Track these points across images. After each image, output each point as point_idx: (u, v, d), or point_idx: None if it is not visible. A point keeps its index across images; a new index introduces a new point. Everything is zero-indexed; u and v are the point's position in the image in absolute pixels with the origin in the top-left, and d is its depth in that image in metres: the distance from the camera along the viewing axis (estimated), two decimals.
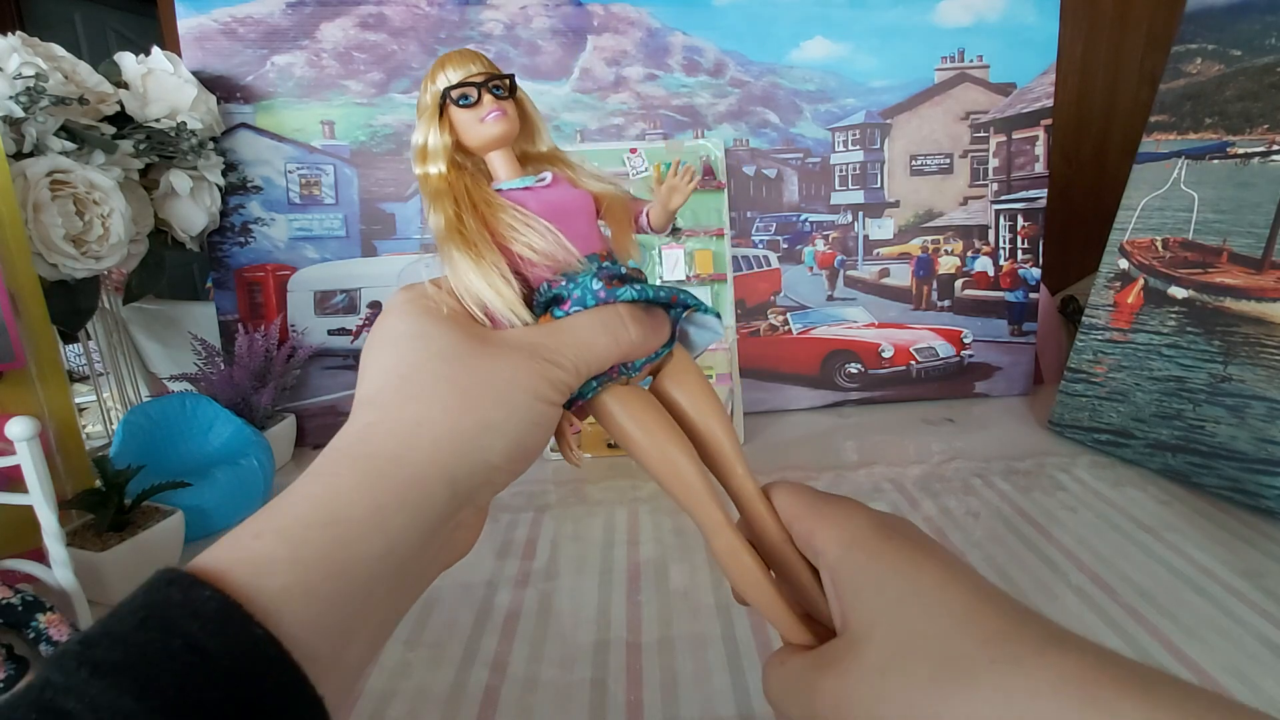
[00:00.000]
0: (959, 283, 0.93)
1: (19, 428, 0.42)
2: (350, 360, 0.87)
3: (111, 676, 0.16)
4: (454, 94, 0.25)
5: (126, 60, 0.73)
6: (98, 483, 0.54)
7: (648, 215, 0.29)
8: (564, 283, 0.25)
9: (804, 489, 0.26)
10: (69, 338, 0.81)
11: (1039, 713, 0.18)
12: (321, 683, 0.18)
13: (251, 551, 0.19)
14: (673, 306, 0.27)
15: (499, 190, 0.26)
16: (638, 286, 0.26)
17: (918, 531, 0.23)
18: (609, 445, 0.71)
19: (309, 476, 0.21)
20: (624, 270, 0.27)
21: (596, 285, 0.25)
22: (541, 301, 0.25)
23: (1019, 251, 0.93)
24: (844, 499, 0.25)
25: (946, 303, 0.93)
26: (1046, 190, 0.92)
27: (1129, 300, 0.76)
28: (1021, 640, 0.19)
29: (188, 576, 0.18)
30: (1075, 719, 0.17)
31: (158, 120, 0.72)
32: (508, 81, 0.26)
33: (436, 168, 0.26)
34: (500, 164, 0.26)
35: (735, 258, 0.88)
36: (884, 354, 0.91)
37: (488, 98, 0.25)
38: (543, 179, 0.27)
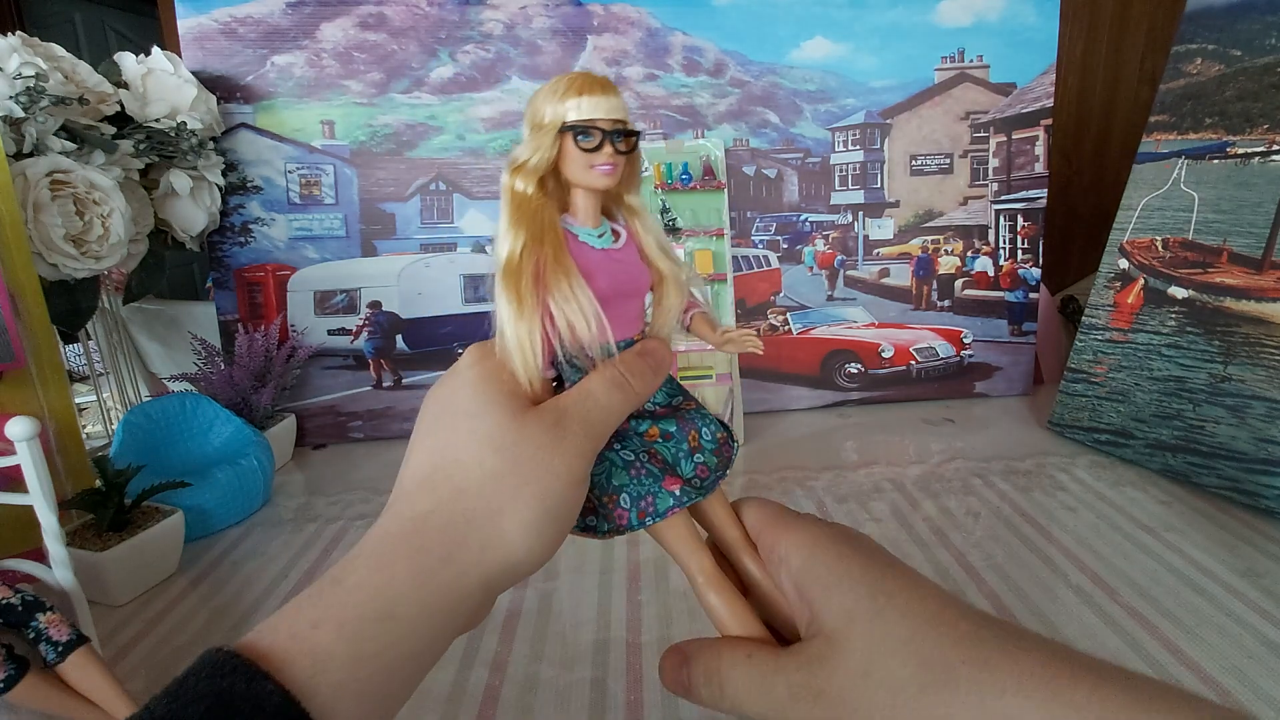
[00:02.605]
0: (959, 283, 0.93)
1: (19, 428, 0.42)
2: (350, 360, 0.87)
3: None
4: (575, 130, 0.24)
5: (126, 60, 0.73)
6: (98, 483, 0.54)
7: (691, 319, 0.29)
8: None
9: (770, 504, 0.27)
10: (69, 338, 0.81)
11: (1007, 708, 0.19)
12: None
13: (311, 644, 0.19)
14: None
15: (572, 233, 0.25)
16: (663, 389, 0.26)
17: (875, 544, 0.24)
18: None
19: (367, 559, 0.21)
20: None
21: None
22: (565, 366, 0.26)
23: (1019, 251, 0.93)
24: (805, 514, 0.26)
25: (946, 303, 0.93)
26: (1046, 190, 0.92)
27: (1129, 300, 0.76)
28: (988, 641, 0.20)
29: (251, 667, 0.18)
30: (1038, 712, 0.19)
31: (158, 120, 0.72)
32: (633, 141, 0.25)
33: (526, 185, 0.25)
34: (584, 205, 0.25)
35: (735, 258, 0.88)
36: (884, 354, 0.91)
37: (608, 149, 0.24)
38: (617, 240, 0.26)
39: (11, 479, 0.45)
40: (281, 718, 0.17)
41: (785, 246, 0.91)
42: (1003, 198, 0.92)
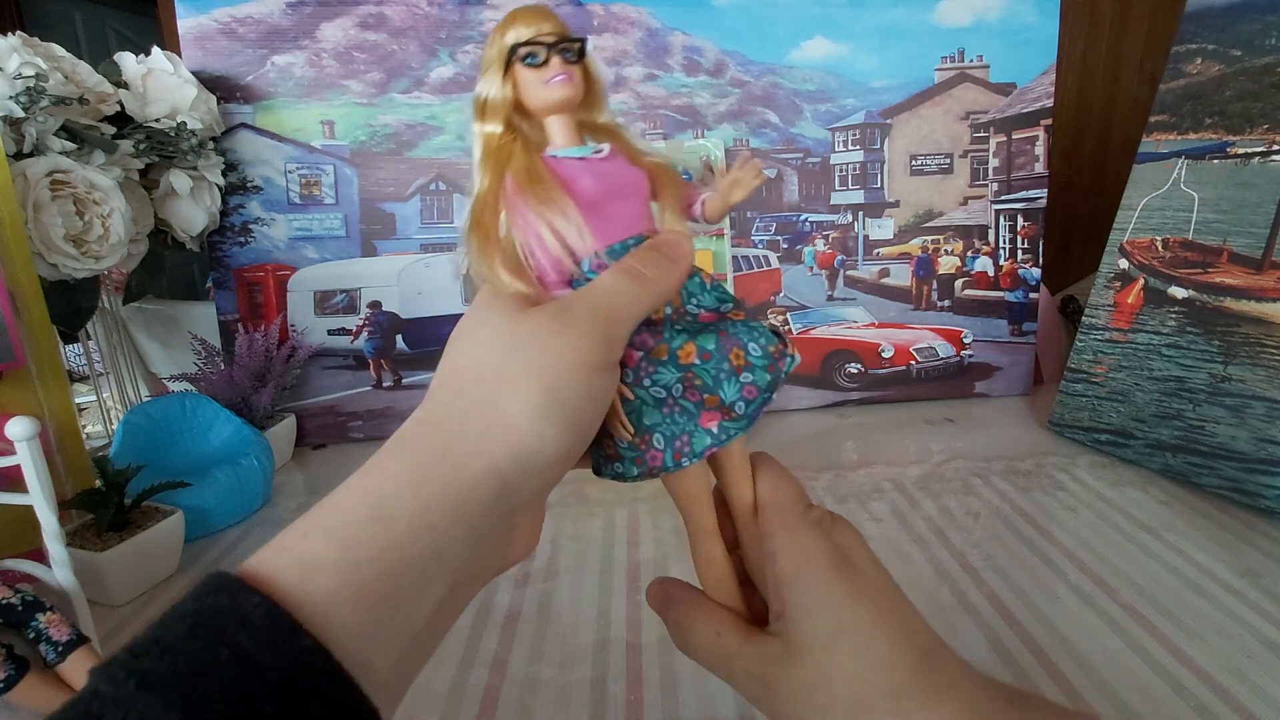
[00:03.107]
0: (959, 283, 0.93)
1: (19, 428, 0.42)
2: (350, 360, 0.87)
3: (159, 690, 0.15)
4: (521, 51, 0.24)
5: (126, 60, 0.73)
6: (98, 483, 0.54)
7: (703, 205, 0.28)
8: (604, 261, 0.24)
9: (787, 485, 0.27)
10: (69, 338, 0.81)
11: None
12: (376, 692, 0.17)
13: (299, 553, 0.18)
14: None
15: (553, 156, 0.25)
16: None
17: (869, 563, 0.25)
18: None
19: (360, 472, 0.20)
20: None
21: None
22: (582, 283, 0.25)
23: (1019, 251, 0.93)
24: (814, 516, 0.26)
25: (946, 303, 0.93)
26: (1046, 190, 0.92)
27: (1129, 300, 0.76)
28: (915, 695, 0.22)
29: (236, 581, 0.17)
30: None
31: (158, 120, 0.72)
32: (578, 46, 0.24)
33: (493, 126, 0.25)
34: (558, 129, 0.25)
35: (735, 258, 0.88)
36: (884, 354, 0.91)
37: (555, 60, 0.24)
38: (600, 150, 0.26)
39: (11, 479, 0.45)
40: (269, 628, 0.16)
41: (785, 246, 0.91)
42: (1003, 198, 0.92)
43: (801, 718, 0.23)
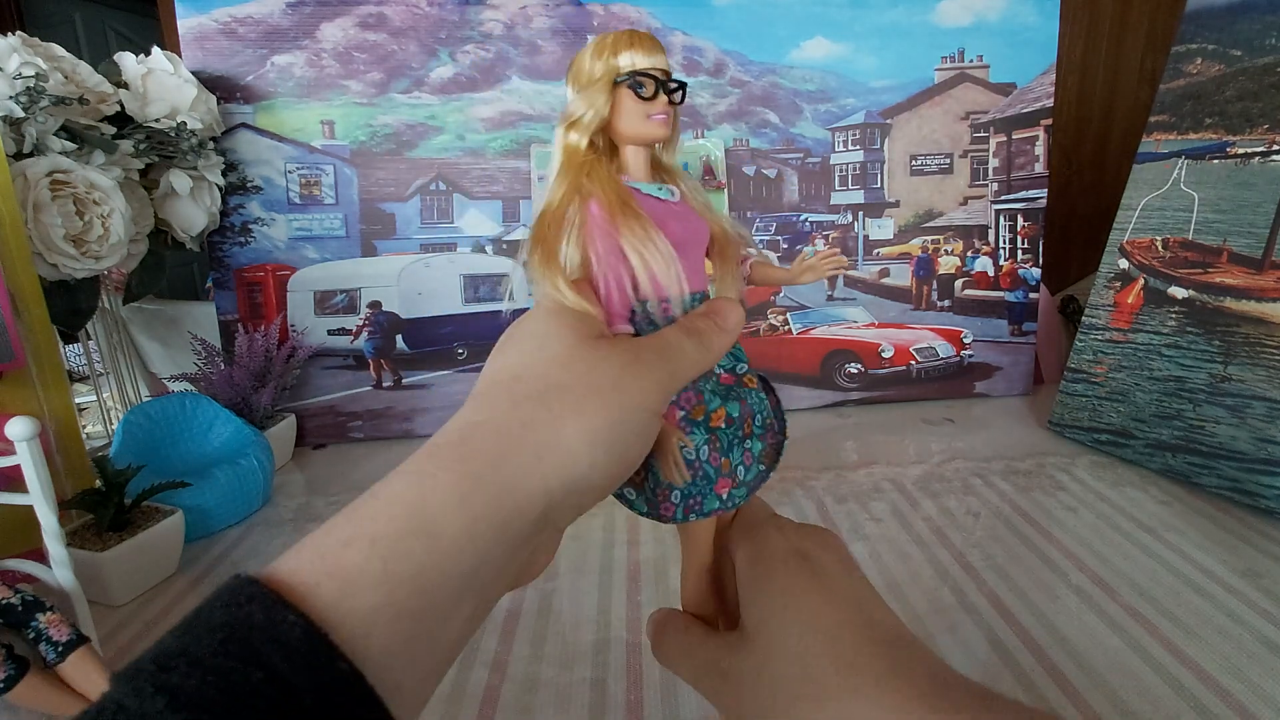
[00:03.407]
0: (959, 283, 0.93)
1: (19, 428, 0.42)
2: (350, 360, 0.87)
3: (189, 711, 0.14)
4: (630, 80, 0.24)
5: (126, 60, 0.73)
6: (98, 483, 0.54)
7: (750, 267, 0.28)
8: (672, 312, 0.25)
9: (750, 506, 0.28)
10: (69, 338, 0.81)
11: None
12: (402, 713, 0.17)
13: (340, 563, 0.17)
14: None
15: (634, 188, 0.25)
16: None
17: (833, 564, 0.25)
18: None
19: (403, 475, 0.19)
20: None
21: None
22: (644, 324, 0.25)
23: (1019, 251, 0.93)
24: (776, 522, 0.27)
25: (946, 303, 0.93)
26: (1046, 190, 0.92)
27: (1129, 300, 0.76)
28: (867, 672, 0.22)
29: (270, 595, 0.16)
30: None
31: (158, 120, 0.72)
32: (683, 89, 0.25)
33: (579, 138, 0.25)
34: (637, 161, 0.26)
35: None
36: (884, 354, 0.92)
37: (662, 98, 0.24)
38: (672, 193, 0.26)
39: (11, 479, 0.45)
40: (306, 650, 0.15)
41: (785, 246, 0.91)
42: (1003, 198, 0.92)
43: (753, 700, 0.23)
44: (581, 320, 0.23)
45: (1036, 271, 0.93)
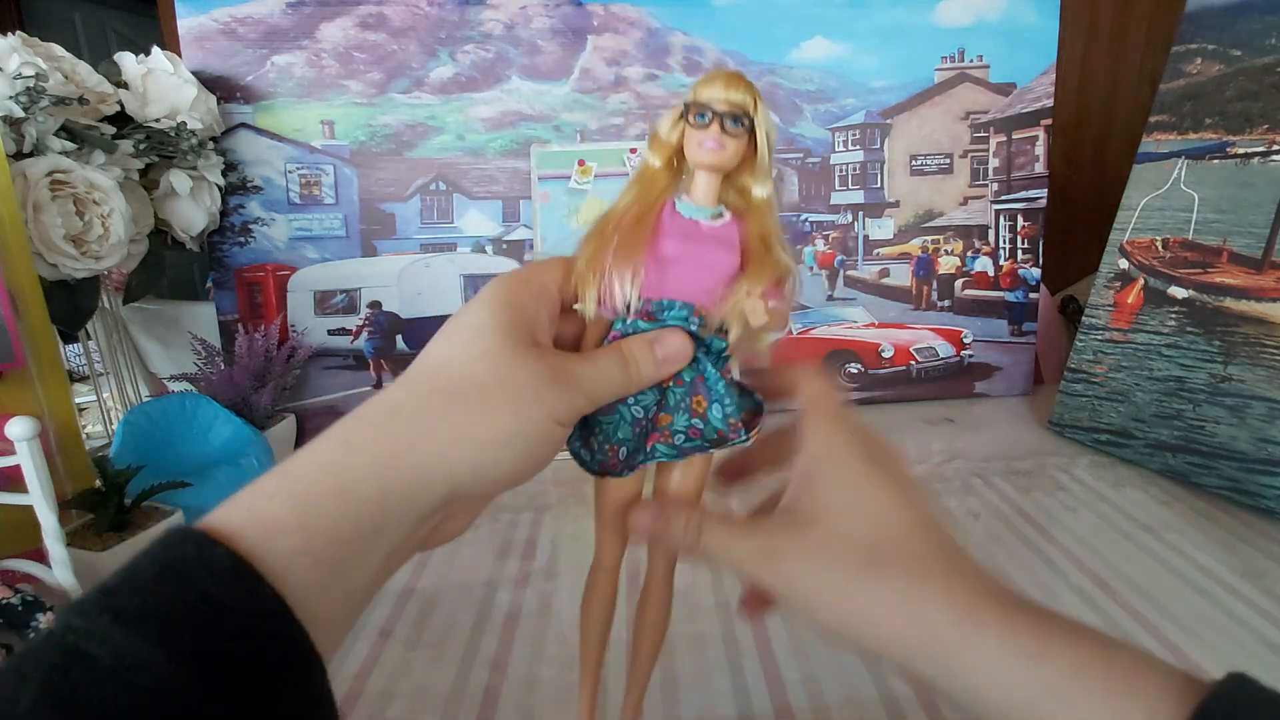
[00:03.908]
0: (959, 283, 0.93)
1: (19, 428, 0.42)
2: (350, 360, 0.87)
3: (132, 625, 0.17)
4: (693, 110, 0.27)
5: (126, 60, 0.73)
6: (98, 483, 0.54)
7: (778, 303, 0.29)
8: (660, 311, 0.28)
9: (831, 393, 0.29)
10: (69, 338, 0.81)
11: (924, 616, 0.22)
12: (320, 643, 0.19)
13: (264, 513, 0.20)
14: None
15: (677, 208, 0.28)
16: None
17: (892, 461, 0.27)
18: None
19: (329, 441, 0.22)
20: (701, 335, 0.28)
21: (645, 325, 0.28)
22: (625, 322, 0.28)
23: (1019, 251, 0.93)
24: (850, 419, 0.28)
25: (946, 303, 0.93)
26: (1046, 190, 0.92)
27: (1129, 300, 0.76)
28: (934, 562, 0.24)
29: (201, 534, 0.19)
30: (949, 625, 0.22)
31: (158, 120, 0.72)
32: (747, 123, 0.27)
33: (653, 158, 0.28)
34: (701, 184, 0.28)
35: None
36: (884, 354, 0.91)
37: (715, 127, 0.26)
38: (720, 216, 0.28)
39: (11, 479, 0.45)
40: (233, 575, 0.18)
41: None
42: (1003, 198, 0.92)
43: (810, 579, 0.24)
44: (519, 322, 0.25)
45: (1036, 271, 0.93)
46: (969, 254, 0.93)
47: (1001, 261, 0.93)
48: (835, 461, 0.26)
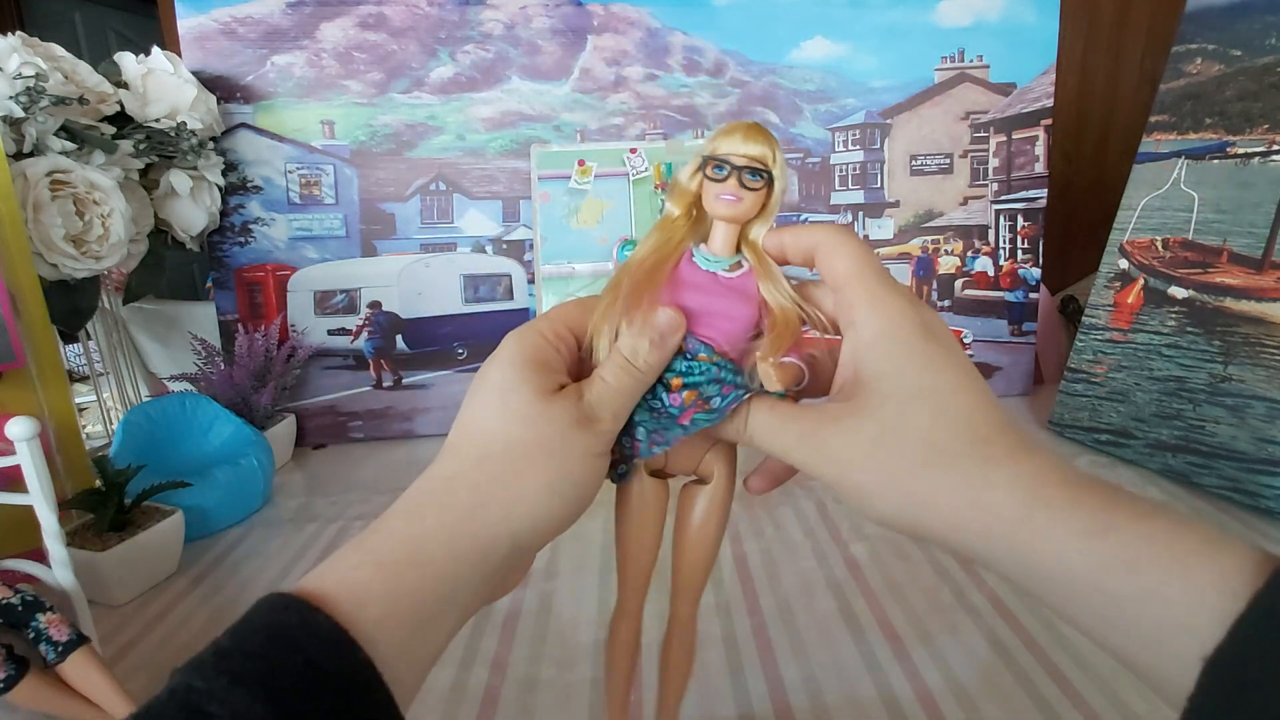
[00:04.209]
0: (959, 283, 0.93)
1: (19, 428, 0.42)
2: (350, 360, 0.87)
3: (246, 686, 0.18)
4: (711, 163, 0.27)
5: (126, 60, 0.73)
6: (98, 483, 0.54)
7: (809, 358, 0.28)
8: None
9: (870, 259, 0.27)
10: (69, 338, 0.81)
11: (988, 500, 0.22)
12: (400, 701, 0.21)
13: (354, 582, 0.22)
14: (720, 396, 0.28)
15: (693, 259, 0.28)
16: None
17: (947, 335, 0.26)
18: None
19: (400, 515, 0.24)
20: (721, 370, 0.28)
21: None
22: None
23: (1019, 251, 0.93)
24: (900, 289, 0.26)
25: (946, 303, 0.93)
26: (1046, 190, 0.92)
27: (1129, 300, 0.76)
28: (999, 445, 0.23)
29: (302, 602, 0.21)
30: (1015, 506, 0.22)
31: (158, 120, 0.72)
32: (766, 175, 0.27)
33: (673, 206, 0.28)
34: (719, 234, 0.28)
35: None
36: None
37: (733, 181, 0.27)
38: (739, 266, 0.28)
39: (11, 479, 0.45)
40: (333, 643, 0.20)
41: None
42: (1003, 198, 0.92)
43: (870, 466, 0.24)
44: (540, 374, 0.26)
45: (1036, 271, 0.93)
46: (969, 254, 0.93)
47: (1001, 261, 0.93)
48: (891, 343, 0.25)
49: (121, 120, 0.71)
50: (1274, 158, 0.67)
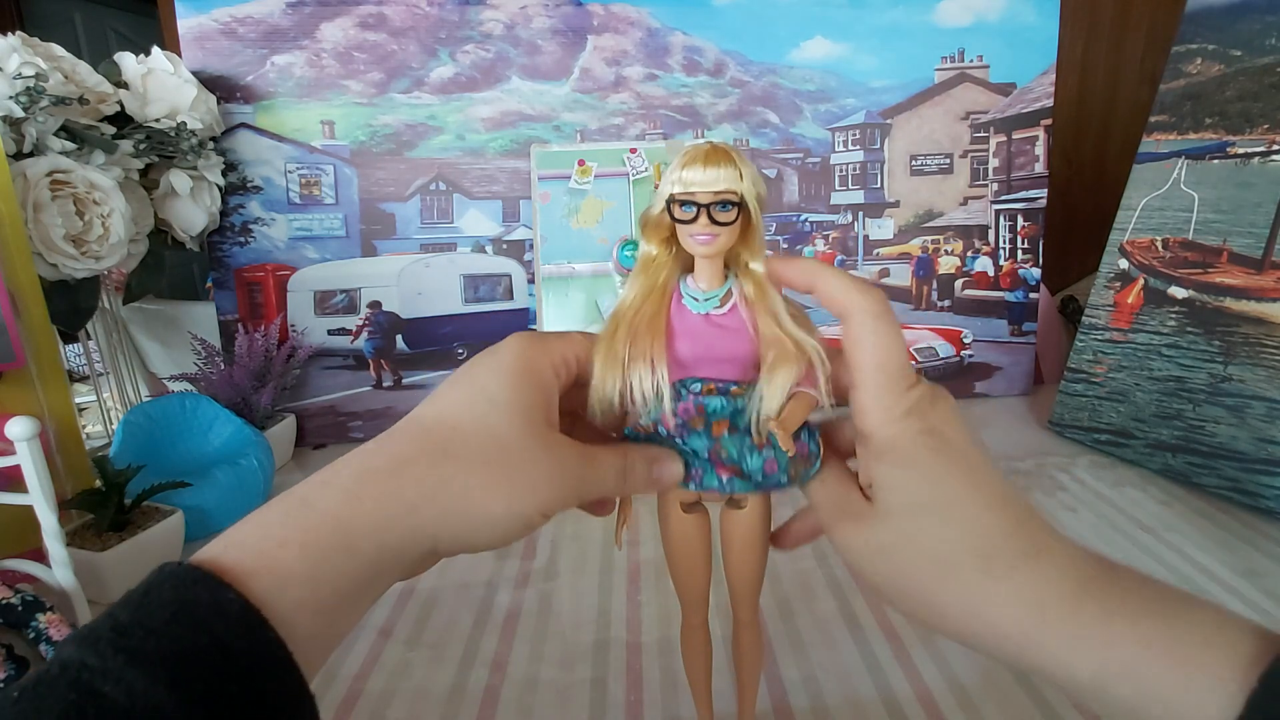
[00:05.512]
0: (959, 283, 0.93)
1: (19, 428, 0.42)
2: (350, 360, 0.87)
3: (146, 666, 0.17)
4: (676, 203, 0.26)
5: (126, 60, 0.73)
6: (98, 483, 0.54)
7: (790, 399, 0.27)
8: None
9: (893, 358, 0.26)
10: (69, 338, 0.81)
11: (990, 616, 0.23)
12: (309, 680, 0.21)
13: (274, 561, 0.21)
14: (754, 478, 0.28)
15: (681, 299, 0.27)
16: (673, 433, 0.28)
17: (962, 439, 0.26)
18: None
19: (338, 490, 0.23)
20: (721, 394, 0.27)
21: (667, 410, 0.27)
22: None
23: (1019, 251, 0.93)
24: (910, 400, 0.26)
25: (946, 303, 0.93)
26: (1046, 190, 0.92)
27: (1129, 300, 0.76)
28: (1002, 557, 0.24)
29: (213, 579, 0.20)
30: (1015, 623, 0.23)
31: (158, 120, 0.72)
32: (735, 210, 0.25)
33: (648, 247, 0.27)
34: (702, 269, 0.27)
35: None
36: None
37: (703, 219, 0.25)
38: (725, 303, 0.27)
39: (11, 479, 0.45)
40: (242, 624, 0.19)
41: (785, 246, 0.91)
42: (1003, 198, 0.92)
43: (892, 574, 0.25)
44: (535, 402, 0.25)
45: (1036, 271, 0.93)
46: (969, 254, 0.93)
47: (1001, 261, 0.93)
48: (896, 462, 0.25)
49: (121, 120, 0.71)
50: (1274, 158, 0.67)
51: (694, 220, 0.25)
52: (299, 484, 0.23)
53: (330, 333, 0.86)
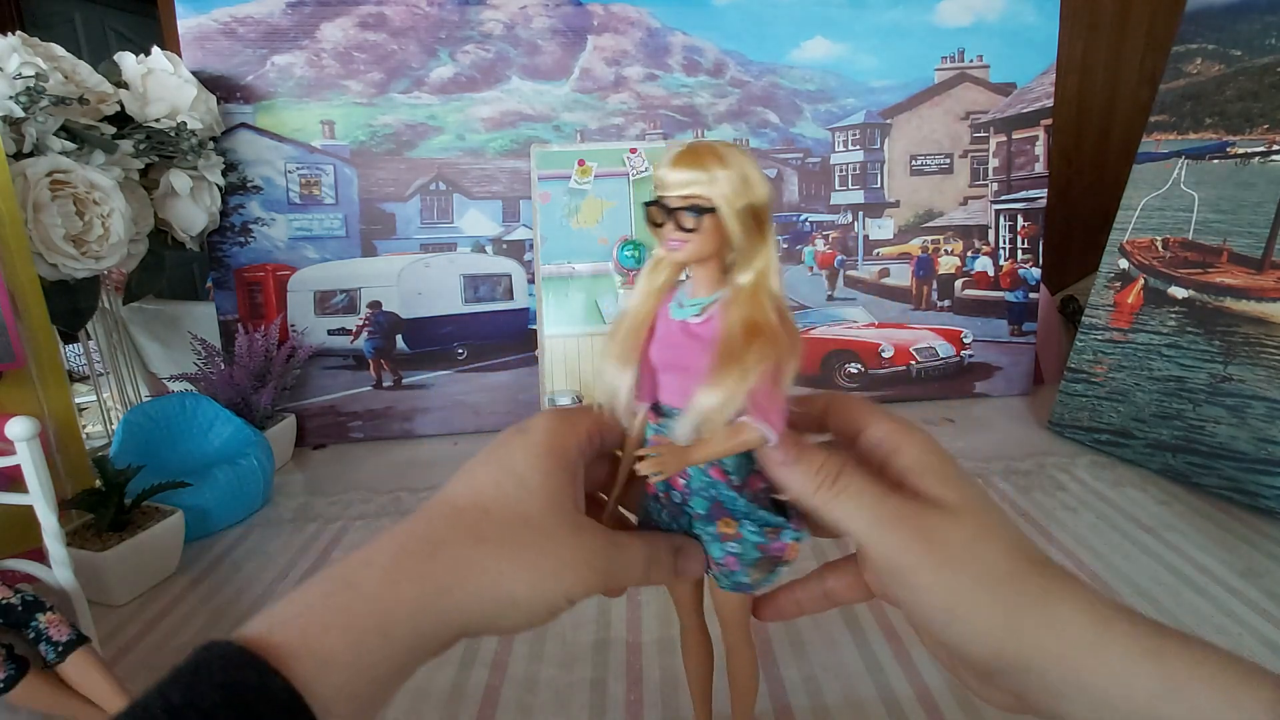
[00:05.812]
0: (959, 283, 0.93)
1: (19, 428, 0.42)
2: (350, 360, 0.87)
3: None
4: (653, 205, 0.25)
5: (126, 60, 0.73)
6: (98, 483, 0.54)
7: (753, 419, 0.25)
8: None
9: (887, 419, 0.28)
10: (69, 338, 0.82)
11: (1059, 614, 0.23)
12: None
13: (319, 645, 0.22)
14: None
15: (671, 306, 0.27)
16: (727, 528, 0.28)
17: (958, 535, 0.25)
18: None
19: (379, 572, 0.23)
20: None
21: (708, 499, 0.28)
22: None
23: (1019, 251, 0.93)
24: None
25: (946, 303, 0.93)
26: (1046, 190, 0.92)
27: (1129, 300, 0.76)
28: (1054, 568, 0.24)
29: (261, 662, 0.20)
30: (1084, 625, 0.23)
31: (158, 120, 0.72)
32: (701, 218, 0.24)
33: (656, 248, 0.27)
34: (695, 274, 0.26)
35: None
36: (884, 354, 0.92)
37: (669, 226, 0.24)
38: (704, 313, 0.26)
39: (11, 479, 0.45)
40: (288, 711, 0.20)
41: (785, 246, 0.91)
42: (1003, 198, 0.92)
43: (962, 569, 0.25)
44: (563, 484, 0.26)
45: (1036, 271, 0.93)
46: (969, 254, 0.93)
47: (1001, 261, 0.93)
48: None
49: (121, 120, 0.71)
50: (1274, 158, 0.67)
51: (663, 226, 0.25)
52: (341, 561, 0.24)
53: (330, 333, 0.86)
